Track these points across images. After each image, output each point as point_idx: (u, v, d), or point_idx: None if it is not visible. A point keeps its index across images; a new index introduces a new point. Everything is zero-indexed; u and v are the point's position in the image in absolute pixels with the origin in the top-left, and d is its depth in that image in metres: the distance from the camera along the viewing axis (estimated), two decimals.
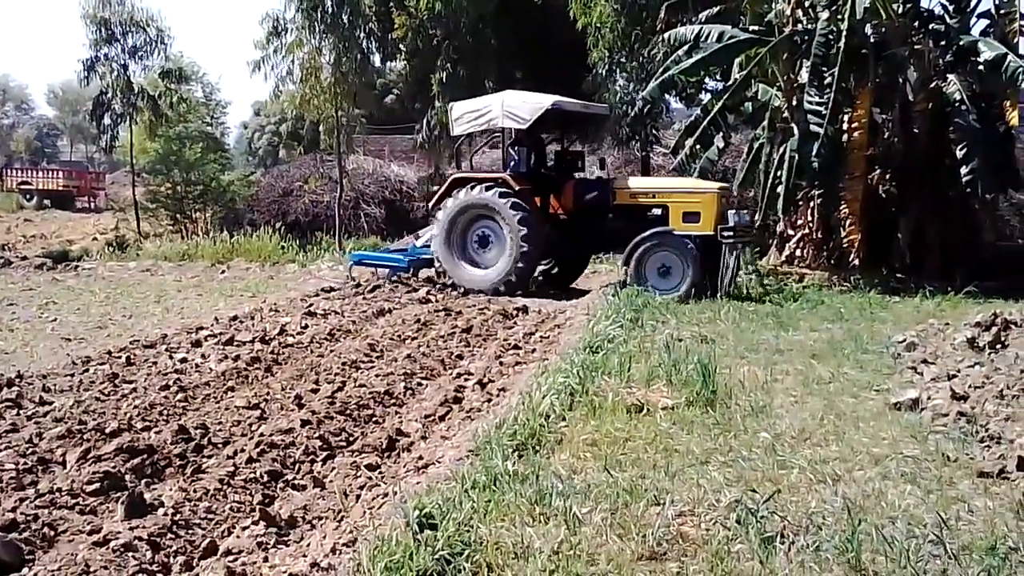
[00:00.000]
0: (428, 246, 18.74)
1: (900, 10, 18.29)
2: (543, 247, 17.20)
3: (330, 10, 25.75)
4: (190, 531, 5.73)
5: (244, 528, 5.78)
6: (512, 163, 17.82)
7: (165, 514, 5.81)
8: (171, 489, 6.32)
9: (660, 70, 20.26)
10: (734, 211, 16.46)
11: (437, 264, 17.64)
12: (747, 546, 5.09)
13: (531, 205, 16.83)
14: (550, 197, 17.73)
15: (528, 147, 17.95)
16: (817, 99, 17.48)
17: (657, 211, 16.68)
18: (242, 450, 7.11)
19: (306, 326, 12.97)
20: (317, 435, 7.59)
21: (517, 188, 16.74)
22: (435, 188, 20.72)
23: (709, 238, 16.07)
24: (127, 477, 6.47)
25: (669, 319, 13.31)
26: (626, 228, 16.58)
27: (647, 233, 16.10)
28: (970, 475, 6.40)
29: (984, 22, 19.10)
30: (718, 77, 22.96)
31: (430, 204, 19.11)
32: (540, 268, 18.20)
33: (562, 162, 19.00)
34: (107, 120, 32.03)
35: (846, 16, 17.36)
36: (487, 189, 16.83)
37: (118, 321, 14.42)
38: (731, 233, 15.95)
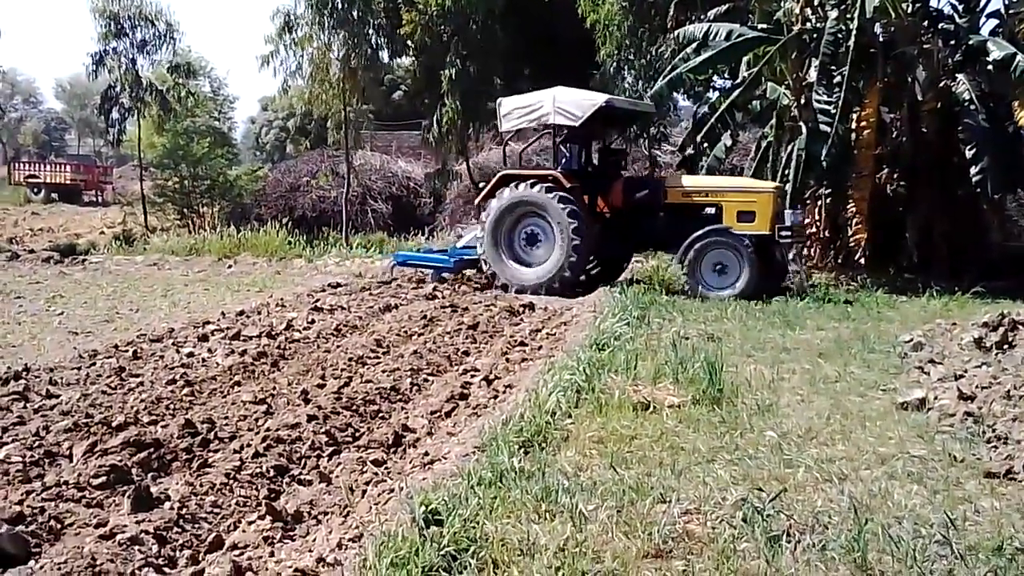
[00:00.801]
0: (470, 247, 18.70)
1: (909, 9, 18.27)
2: (593, 245, 17.02)
3: (340, 6, 25.77)
4: (196, 525, 5.73)
5: (250, 522, 5.77)
6: (563, 160, 17.65)
7: (171, 508, 5.81)
8: (177, 483, 6.32)
9: (668, 68, 20.25)
10: (789, 211, 16.40)
11: (484, 264, 17.32)
12: (753, 545, 5.09)
13: (581, 203, 16.68)
14: (597, 195, 17.53)
15: (578, 144, 17.83)
16: (826, 98, 17.47)
17: (711, 210, 16.58)
18: (248, 445, 7.11)
19: (312, 321, 12.98)
20: (323, 430, 7.59)
21: (568, 185, 16.57)
22: (479, 184, 20.69)
23: (765, 237, 16.07)
24: (134, 471, 6.48)
25: (676, 317, 13.31)
26: (678, 227, 16.48)
27: (703, 231, 16.02)
28: (977, 475, 6.39)
29: (993, 22, 19.14)
30: (726, 75, 22.97)
31: (476, 200, 18.93)
32: None
33: (606, 160, 18.89)
34: (115, 114, 32.07)
35: (855, 15, 17.35)
36: (536, 186, 16.61)
37: (125, 315, 14.46)
38: (789, 233, 16.00)
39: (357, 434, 7.79)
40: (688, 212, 16.70)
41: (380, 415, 8.44)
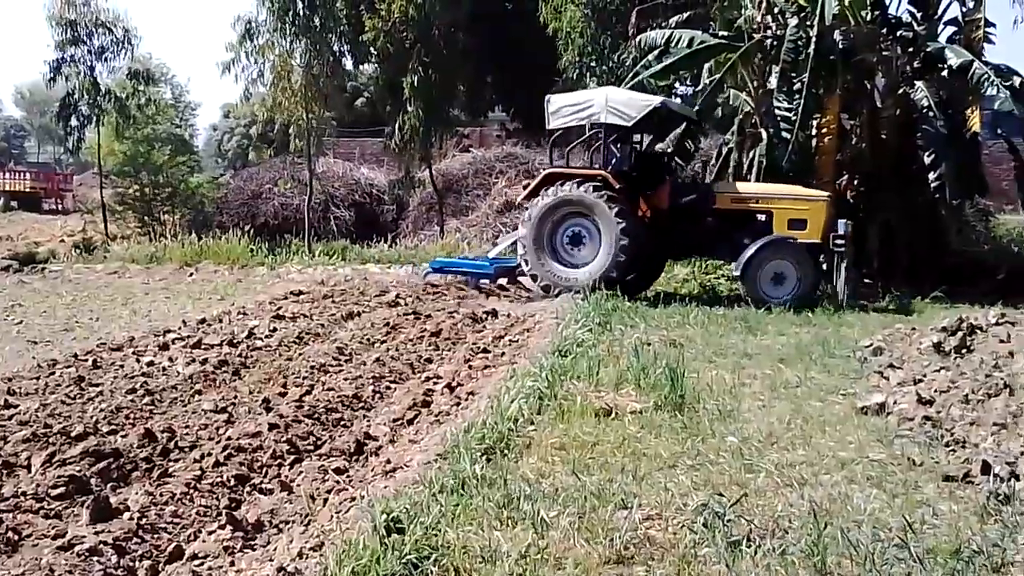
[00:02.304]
0: (504, 255, 18.69)
1: (868, 17, 18.40)
2: (638, 248, 16.77)
3: (302, 13, 25.69)
4: (156, 535, 5.70)
5: (210, 532, 5.75)
6: (613, 160, 17.38)
7: (131, 518, 5.78)
8: (137, 493, 6.27)
9: (630, 75, 20.32)
10: (842, 220, 16.28)
11: (524, 264, 16.98)
12: (714, 550, 5.11)
13: (629, 204, 16.54)
14: (640, 197, 17.27)
15: (627, 145, 17.75)
16: (787, 104, 17.59)
17: (761, 217, 16.51)
18: (209, 454, 7.07)
19: (274, 329, 12.92)
20: (285, 439, 7.56)
21: (617, 186, 16.38)
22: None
23: (816, 246, 16.05)
24: (93, 481, 6.43)
25: (638, 323, 13.33)
26: (726, 233, 16.51)
27: (764, 240, 15.96)
28: (935, 479, 6.44)
29: (951, 29, 19.28)
30: (688, 82, 23.06)
31: (519, 199, 18.64)
32: None
33: (649, 162, 18.72)
34: (74, 121, 31.76)
35: (815, 22, 17.48)
36: (584, 186, 16.35)
37: (85, 324, 14.36)
38: (843, 241, 15.92)
39: (319, 442, 7.76)
40: (737, 219, 16.65)
41: (342, 423, 8.41)
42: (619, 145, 17.56)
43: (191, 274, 22.10)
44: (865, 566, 4.90)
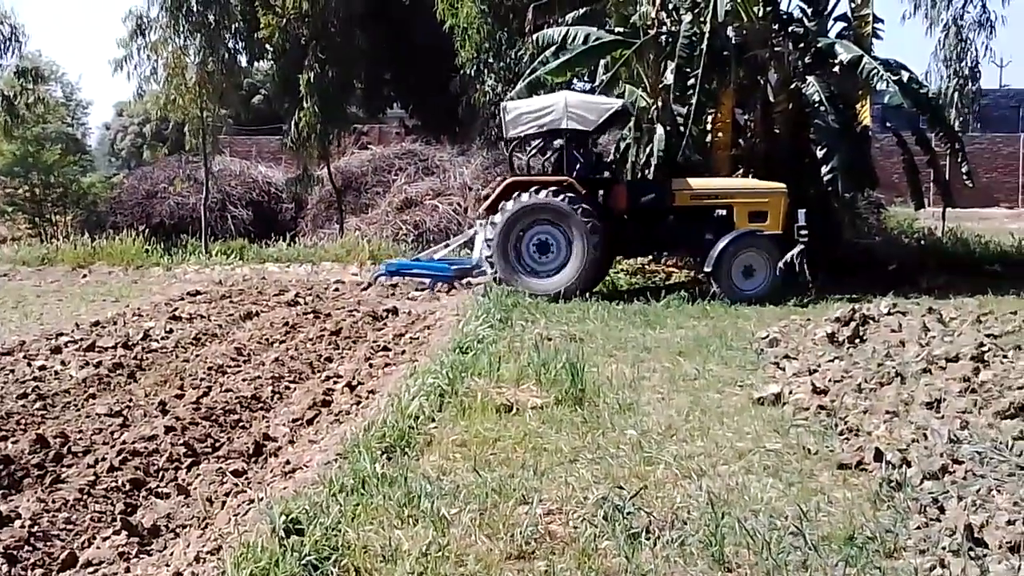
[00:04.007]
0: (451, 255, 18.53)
1: (760, 13, 18.64)
2: (608, 252, 16.79)
3: (195, 9, 25.28)
4: (48, 543, 5.59)
5: (105, 538, 5.65)
6: (577, 166, 16.94)
7: (22, 526, 5.66)
8: (28, 500, 6.14)
9: (528, 71, 20.35)
10: (802, 210, 16.31)
11: (492, 271, 16.57)
12: (613, 542, 5.16)
13: (596, 209, 16.37)
14: (600, 201, 17.04)
15: (586, 149, 17.52)
16: (681, 100, 17.75)
17: (722, 212, 16.55)
18: (103, 458, 6.94)
19: (171, 331, 12.73)
20: (182, 442, 7.46)
21: (583, 191, 16.22)
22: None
23: (776, 237, 16.12)
24: None
25: (539, 319, 13.39)
26: (688, 230, 16.50)
27: (732, 235, 15.99)
28: (830, 467, 6.57)
29: (841, 25, 19.61)
30: (585, 78, 23.15)
31: (481, 208, 18.18)
32: None
33: (598, 164, 18.47)
34: None
35: (708, 18, 17.66)
36: (552, 193, 16.10)
37: None
38: (807, 232, 16.00)
39: (216, 445, 7.67)
40: (698, 215, 16.64)
41: (240, 425, 8.33)
42: (580, 150, 17.34)
43: (84, 276, 21.62)
44: (762, 555, 4.98)
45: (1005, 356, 9.80)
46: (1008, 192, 41.88)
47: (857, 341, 10.99)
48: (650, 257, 19.45)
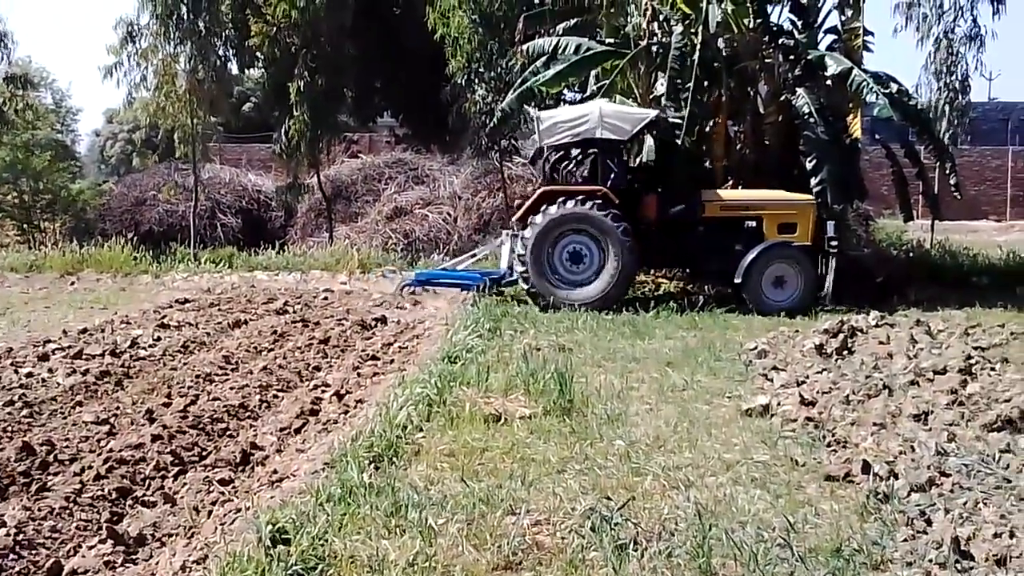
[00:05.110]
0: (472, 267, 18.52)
1: (751, 25, 18.69)
2: (641, 262, 16.85)
3: (186, 16, 25.27)
4: (34, 551, 5.56)
5: (91, 547, 5.63)
6: (612, 176, 16.83)
7: (7, 534, 5.63)
8: (14, 508, 6.12)
9: (519, 81, 20.37)
10: (831, 222, 16.44)
11: (524, 282, 16.53)
12: (601, 553, 5.16)
13: (629, 219, 16.31)
14: (632, 211, 16.87)
15: (621, 159, 17.37)
16: (673, 111, 17.77)
17: (751, 223, 16.57)
18: (90, 467, 6.92)
19: (159, 338, 12.70)
20: (168, 450, 7.44)
21: (616, 201, 16.19)
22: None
23: (806, 248, 16.19)
24: None
25: (528, 328, 13.39)
26: (718, 241, 16.44)
27: (763, 245, 16.04)
28: (817, 479, 6.58)
29: (831, 37, 19.66)
30: (576, 89, 23.17)
31: (514, 218, 17.95)
32: None
33: (633, 175, 18.18)
34: None
35: (699, 30, 17.70)
36: (586, 203, 16.09)
37: None
38: (837, 243, 16.11)
39: (204, 453, 7.64)
40: (728, 226, 16.63)
41: (228, 433, 8.30)
42: (614, 160, 17.18)
43: (72, 283, 21.54)
44: (749, 566, 4.99)
45: (992, 369, 9.85)
46: (996, 205, 42.03)
47: (845, 353, 11.03)
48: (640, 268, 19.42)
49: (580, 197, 16.17)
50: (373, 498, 5.92)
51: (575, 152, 17.54)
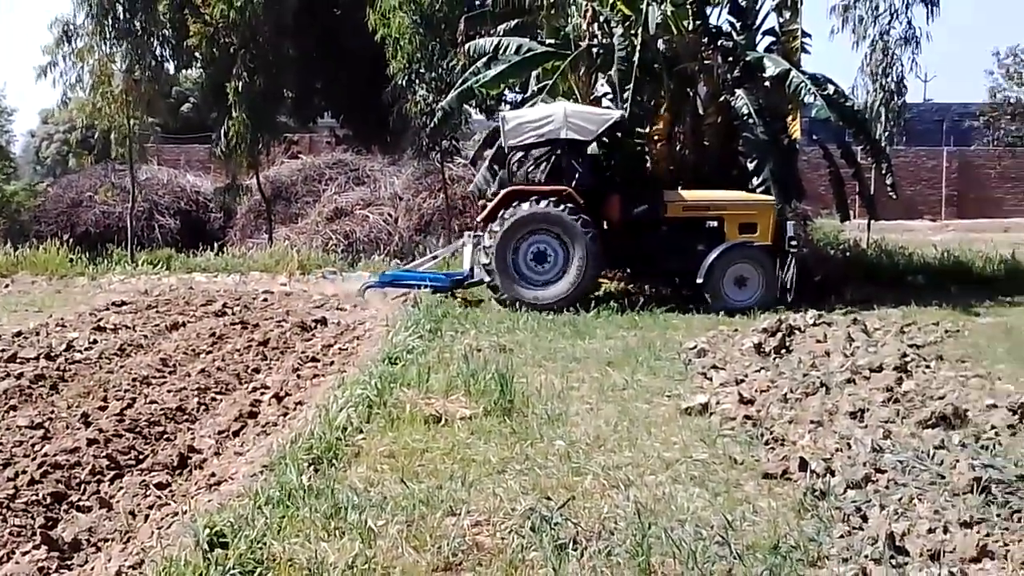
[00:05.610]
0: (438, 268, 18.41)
1: (690, 27, 18.81)
2: (605, 263, 16.88)
3: (122, 16, 24.99)
4: None
5: (24, 553, 5.56)
6: (577, 176, 16.81)
7: None
8: None
9: (460, 82, 20.35)
10: (791, 222, 16.57)
11: (488, 279, 16.55)
12: (541, 553, 5.16)
13: (593, 218, 16.29)
14: (596, 210, 16.86)
15: (586, 160, 17.33)
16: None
17: (713, 223, 16.60)
18: (24, 471, 6.82)
19: (95, 341, 12.54)
20: (104, 454, 7.35)
21: (581, 201, 16.16)
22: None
23: (767, 248, 16.27)
24: None
25: (469, 329, 13.38)
26: (680, 241, 16.44)
27: (724, 245, 16.10)
28: (755, 477, 6.64)
29: (769, 39, 19.82)
30: (517, 89, 23.19)
31: (479, 218, 17.91)
32: None
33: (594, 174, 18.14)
34: None
35: (639, 31, 17.78)
36: (552, 203, 16.07)
37: None
38: (796, 243, 16.24)
39: (140, 457, 7.57)
40: (690, 226, 16.67)
41: (165, 436, 8.22)
42: (579, 160, 17.18)
43: (7, 285, 21.23)
44: (688, 564, 5.02)
45: (927, 366, 10.00)
46: (931, 205, 42.59)
47: (783, 351, 11.14)
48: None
49: (544, 197, 16.20)
50: (312, 500, 5.88)
51: (536, 152, 17.54)
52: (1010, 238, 28.60)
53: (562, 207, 16.04)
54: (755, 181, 17.28)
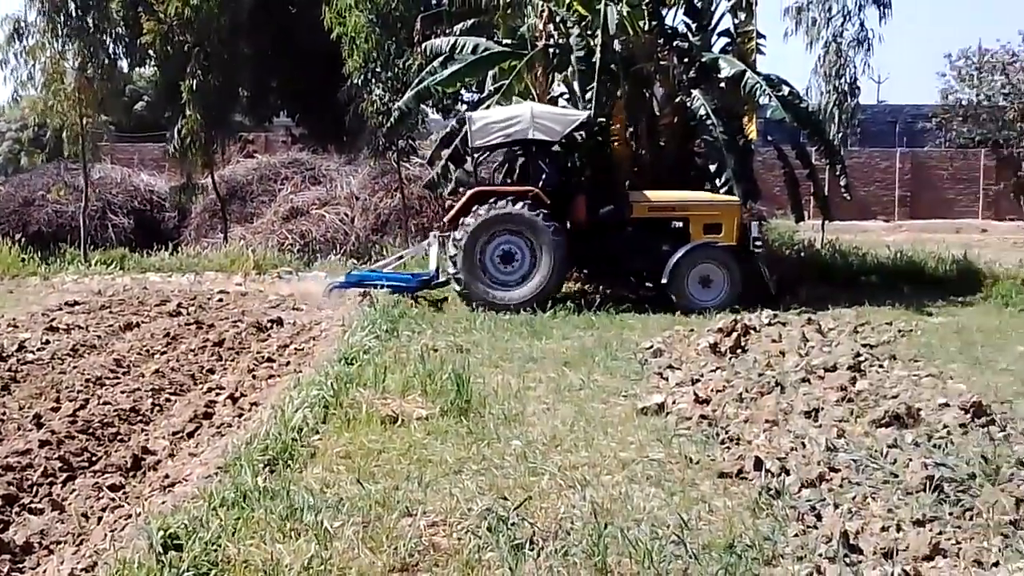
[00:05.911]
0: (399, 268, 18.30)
1: (646, 27, 18.88)
2: (572, 263, 16.89)
3: (74, 13, 24.76)
4: None
5: None
6: (544, 176, 16.90)
7: None
8: None
9: (416, 81, 20.32)
10: (755, 222, 16.68)
11: (457, 283, 16.42)
12: (497, 554, 5.17)
13: (560, 219, 16.31)
14: (562, 211, 16.85)
15: (552, 160, 17.37)
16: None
17: (678, 224, 16.64)
18: None
19: (47, 342, 12.40)
20: (57, 456, 7.27)
21: (548, 202, 16.15)
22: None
23: (731, 249, 16.35)
24: None
25: (425, 329, 13.36)
26: (645, 242, 16.49)
27: (689, 245, 16.13)
28: (711, 476, 6.68)
29: (724, 40, 19.93)
30: (474, 89, 23.18)
31: (446, 219, 17.74)
32: None
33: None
34: None
35: (597, 32, 17.81)
36: (517, 203, 16.03)
37: None
38: (761, 243, 16.34)
39: (94, 458, 7.50)
40: (655, 227, 16.69)
41: (119, 438, 8.15)
42: (546, 160, 17.25)
43: None
44: (644, 564, 5.04)
45: (881, 365, 10.08)
46: (885, 205, 42.95)
47: (739, 351, 11.19)
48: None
49: (511, 198, 16.17)
50: (267, 502, 5.85)
51: (499, 153, 17.52)
52: (961, 239, 28.97)
53: (528, 207, 16.04)
54: (718, 182, 17.39)
